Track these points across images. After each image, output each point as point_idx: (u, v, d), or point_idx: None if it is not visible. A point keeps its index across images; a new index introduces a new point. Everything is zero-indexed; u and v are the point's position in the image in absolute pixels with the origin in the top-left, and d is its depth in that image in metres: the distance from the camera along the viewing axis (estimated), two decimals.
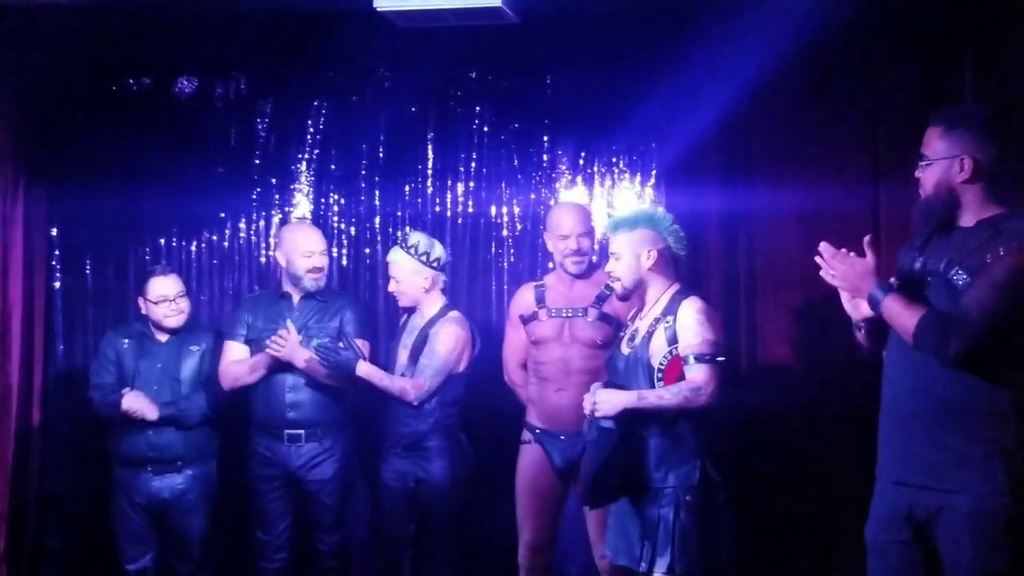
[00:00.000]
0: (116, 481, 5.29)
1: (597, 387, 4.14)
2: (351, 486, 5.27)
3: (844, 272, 3.54)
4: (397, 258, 5.12)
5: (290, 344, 5.06)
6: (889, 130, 5.08)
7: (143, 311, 5.34)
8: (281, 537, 5.22)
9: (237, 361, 5.21)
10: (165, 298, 5.27)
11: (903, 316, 3.43)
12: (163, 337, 5.35)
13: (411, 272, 5.09)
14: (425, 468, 5.01)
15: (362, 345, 5.14)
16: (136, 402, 5.15)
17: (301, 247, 5.21)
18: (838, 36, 5.05)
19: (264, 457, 5.19)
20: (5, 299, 5.54)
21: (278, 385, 5.15)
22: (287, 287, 5.25)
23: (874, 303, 3.50)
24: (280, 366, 5.12)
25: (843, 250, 3.56)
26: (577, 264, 4.89)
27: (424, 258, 5.08)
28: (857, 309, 3.62)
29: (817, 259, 3.58)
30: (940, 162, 3.46)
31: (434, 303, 5.15)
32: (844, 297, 3.64)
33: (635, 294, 4.28)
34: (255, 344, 5.20)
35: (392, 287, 5.15)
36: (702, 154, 5.37)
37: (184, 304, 5.32)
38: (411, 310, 5.20)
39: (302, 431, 5.13)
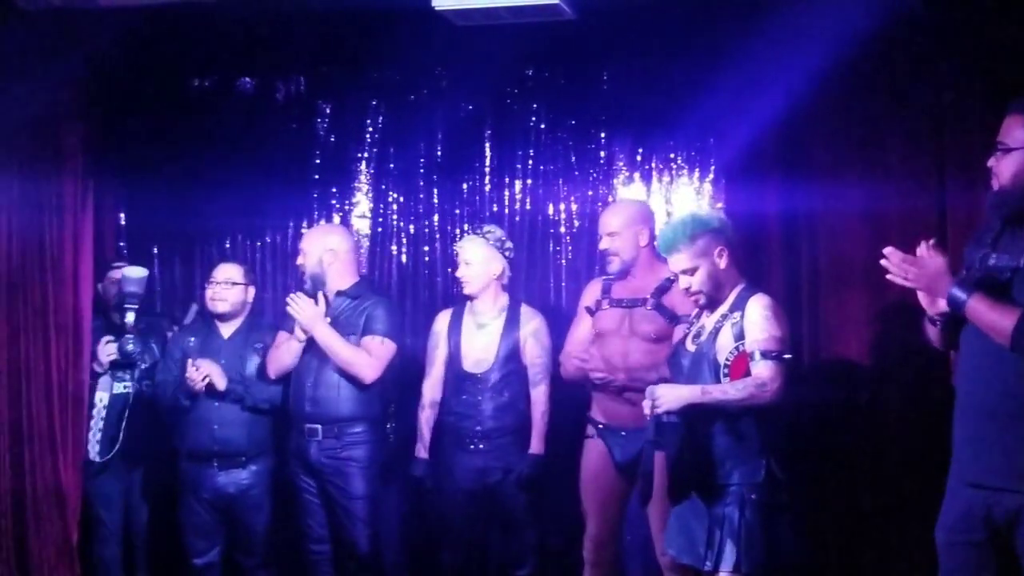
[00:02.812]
0: (182, 476, 5.35)
1: (652, 389, 4.12)
2: (379, 483, 5.26)
3: (916, 275, 3.46)
4: (472, 244, 5.15)
5: (310, 309, 5.10)
6: (954, 124, 5.00)
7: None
8: (324, 524, 5.22)
9: (278, 345, 5.29)
10: (214, 280, 5.38)
11: (992, 316, 3.35)
12: (227, 332, 5.42)
13: (484, 258, 5.12)
14: (506, 462, 5.04)
15: (382, 345, 5.14)
16: (206, 368, 5.20)
17: None
18: (901, 29, 4.99)
19: (292, 450, 5.25)
20: (77, 298, 5.60)
21: (301, 378, 5.21)
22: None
23: (956, 304, 3.41)
24: (306, 356, 5.17)
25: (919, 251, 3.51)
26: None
27: (499, 245, 5.12)
28: (933, 303, 3.55)
29: (884, 263, 3.53)
30: (1021, 151, 3.39)
31: (501, 296, 5.20)
32: (920, 293, 3.59)
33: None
34: None
35: (462, 271, 5.15)
36: (762, 150, 5.30)
37: (231, 293, 5.37)
38: (460, 305, 5.22)
39: (319, 426, 5.15)
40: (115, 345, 5.38)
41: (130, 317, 5.36)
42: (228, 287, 5.38)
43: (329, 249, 5.25)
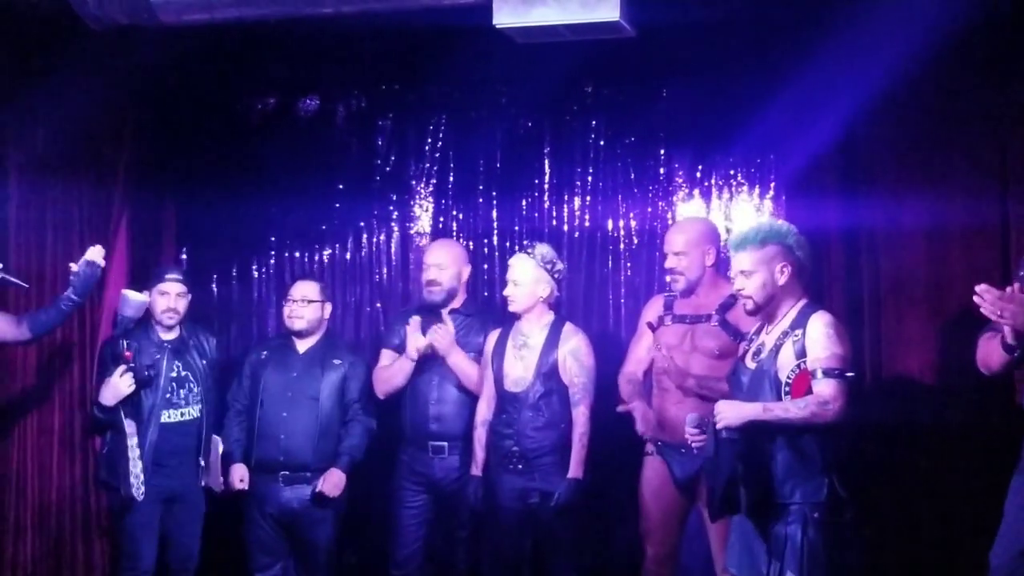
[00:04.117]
0: (249, 489, 5.33)
1: (693, 417, 4.08)
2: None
3: (1013, 313, 3.45)
4: (521, 263, 5.13)
5: (447, 337, 5.17)
6: (1017, 140, 4.97)
7: None
8: (414, 546, 5.28)
9: (387, 366, 5.34)
10: (291, 298, 5.44)
11: None
12: (302, 348, 5.46)
13: (533, 279, 5.11)
14: (546, 484, 4.99)
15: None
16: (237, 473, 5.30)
17: None
18: (961, 44, 4.95)
19: (409, 468, 5.27)
20: None
21: (422, 397, 5.25)
22: None
23: None
24: (424, 375, 5.22)
25: (1008, 289, 3.46)
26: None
27: (548, 267, 5.11)
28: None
29: (976, 299, 3.49)
30: None
31: (547, 314, 5.16)
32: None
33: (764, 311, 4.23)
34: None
35: (509, 290, 5.15)
36: (822, 166, 5.30)
37: (308, 310, 5.41)
38: (509, 324, 5.22)
39: (445, 443, 5.21)
40: (130, 375, 5.15)
41: (123, 344, 5.17)
42: (305, 304, 5.43)
43: (466, 266, 5.38)
